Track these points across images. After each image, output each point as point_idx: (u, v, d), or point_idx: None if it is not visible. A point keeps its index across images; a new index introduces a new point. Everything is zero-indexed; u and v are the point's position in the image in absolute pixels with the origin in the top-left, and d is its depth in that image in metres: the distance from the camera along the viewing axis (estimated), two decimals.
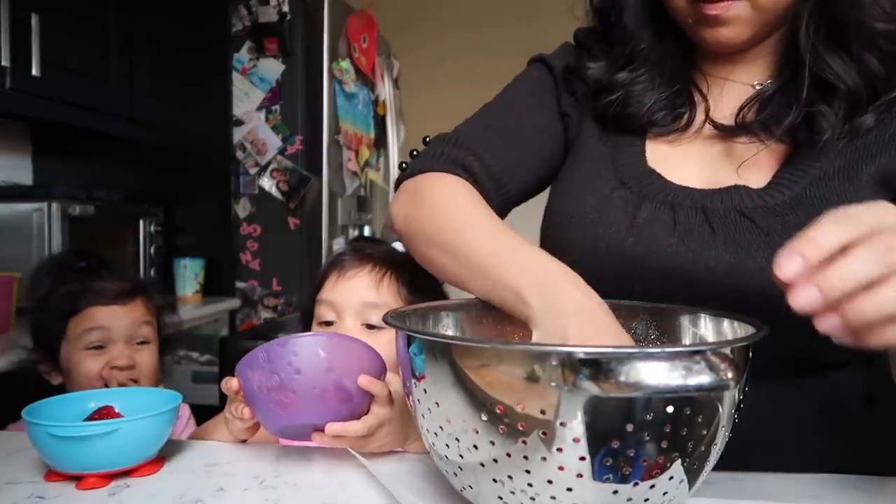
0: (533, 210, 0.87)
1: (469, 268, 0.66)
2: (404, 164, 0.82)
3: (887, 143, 0.68)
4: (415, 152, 0.83)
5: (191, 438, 0.85)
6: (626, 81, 0.76)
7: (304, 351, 0.67)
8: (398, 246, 0.87)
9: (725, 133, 0.74)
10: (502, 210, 0.78)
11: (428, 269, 0.74)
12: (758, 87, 0.74)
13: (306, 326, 0.91)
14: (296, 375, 0.67)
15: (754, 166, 0.72)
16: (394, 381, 0.72)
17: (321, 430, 0.68)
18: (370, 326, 0.84)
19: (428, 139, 0.83)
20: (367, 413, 0.70)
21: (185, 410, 1.20)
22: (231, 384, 0.71)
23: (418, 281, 0.85)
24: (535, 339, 0.57)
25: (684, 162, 0.76)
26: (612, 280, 0.70)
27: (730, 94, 0.75)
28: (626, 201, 0.73)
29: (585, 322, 0.56)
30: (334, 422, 0.68)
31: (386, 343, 0.78)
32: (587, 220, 0.74)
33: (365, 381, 0.68)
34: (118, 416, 0.72)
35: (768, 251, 0.65)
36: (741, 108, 0.73)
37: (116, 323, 1.09)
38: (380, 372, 0.71)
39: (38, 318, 1.13)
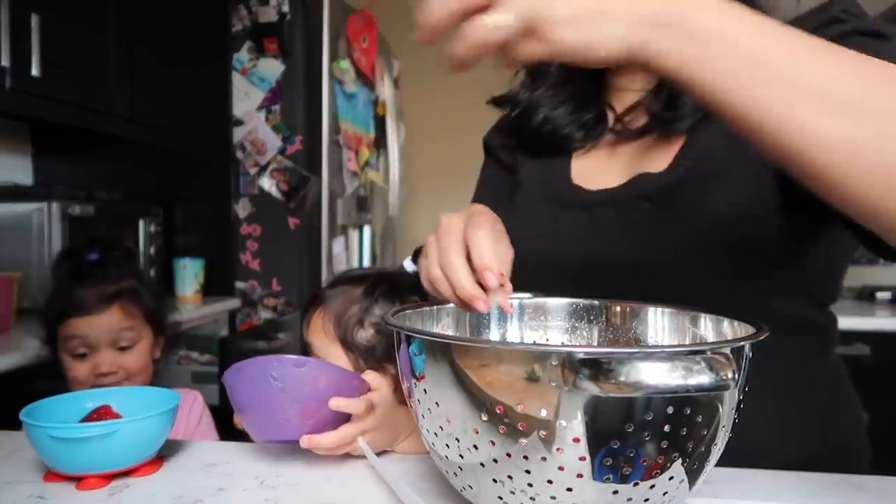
0: None
1: None
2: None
3: None
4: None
5: None
6: (526, 100, 0.85)
7: (286, 372, 0.69)
8: (407, 265, 0.91)
9: (622, 137, 0.80)
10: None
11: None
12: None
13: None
14: (279, 396, 0.69)
15: (661, 157, 0.75)
16: (381, 385, 0.75)
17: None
18: None
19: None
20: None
21: (199, 401, 1.22)
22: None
23: (344, 313, 0.88)
24: None
25: (604, 171, 0.81)
26: (552, 285, 0.74)
27: (629, 101, 0.80)
28: (547, 213, 0.81)
29: None
30: (311, 434, 0.70)
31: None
32: (520, 235, 0.75)
33: (336, 402, 0.70)
34: (116, 415, 0.72)
35: (666, 227, 0.71)
36: (622, 114, 0.80)
37: (95, 331, 1.12)
38: (353, 384, 0.72)
39: (42, 319, 1.15)
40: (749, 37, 0.45)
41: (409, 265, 0.90)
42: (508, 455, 0.47)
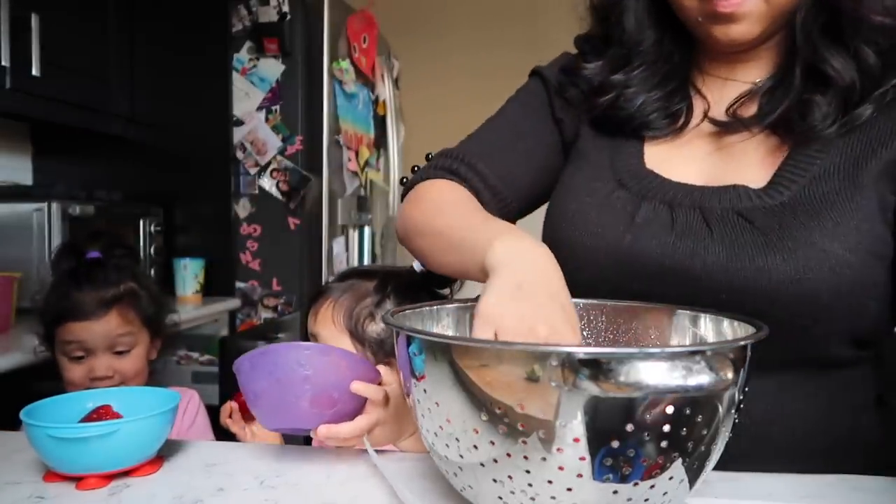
0: (534, 216, 0.88)
1: (445, 243, 0.69)
2: (405, 179, 0.84)
3: (888, 138, 0.68)
4: (416, 167, 0.86)
5: None
6: (620, 83, 0.77)
7: (314, 360, 0.69)
8: (417, 266, 0.90)
9: (722, 129, 0.74)
10: (505, 218, 0.78)
11: (419, 259, 0.79)
12: (756, 84, 0.74)
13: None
14: (304, 385, 0.68)
15: (755, 165, 0.72)
16: (392, 380, 0.73)
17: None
18: None
19: (430, 155, 0.85)
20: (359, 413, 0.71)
21: (194, 400, 1.21)
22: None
23: (356, 305, 0.88)
24: (487, 286, 0.56)
25: (683, 161, 0.76)
26: (610, 278, 0.71)
27: (730, 92, 0.75)
28: (624, 202, 0.74)
29: (544, 293, 0.55)
30: (328, 424, 0.69)
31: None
32: (587, 219, 0.74)
33: (357, 386, 0.69)
34: (116, 415, 0.72)
35: (765, 252, 0.66)
36: (733, 103, 0.73)
37: (92, 336, 1.12)
38: (371, 376, 0.72)
39: (39, 319, 1.15)
40: None
41: (418, 266, 0.90)
42: (508, 455, 0.47)
